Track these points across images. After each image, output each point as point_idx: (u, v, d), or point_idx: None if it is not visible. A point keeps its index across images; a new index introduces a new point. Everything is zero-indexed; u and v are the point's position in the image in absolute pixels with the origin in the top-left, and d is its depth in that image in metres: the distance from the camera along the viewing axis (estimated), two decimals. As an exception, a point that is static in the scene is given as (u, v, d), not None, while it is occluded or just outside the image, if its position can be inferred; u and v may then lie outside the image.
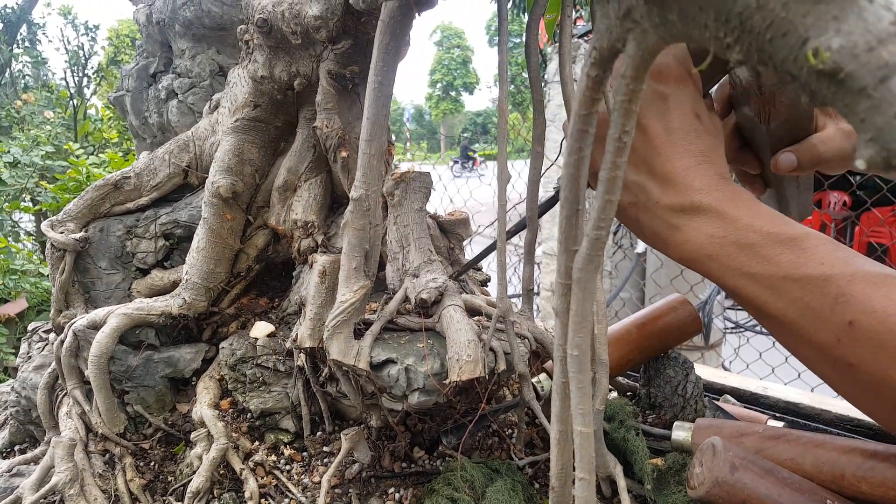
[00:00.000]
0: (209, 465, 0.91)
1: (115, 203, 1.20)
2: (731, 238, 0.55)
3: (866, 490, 0.68)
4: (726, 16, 0.31)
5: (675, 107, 0.59)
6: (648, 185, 0.59)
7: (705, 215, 0.56)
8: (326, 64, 0.97)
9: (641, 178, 0.59)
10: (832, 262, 0.51)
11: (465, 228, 1.13)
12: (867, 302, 0.48)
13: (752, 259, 0.54)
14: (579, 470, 0.50)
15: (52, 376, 1.11)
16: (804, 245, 0.53)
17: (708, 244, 0.56)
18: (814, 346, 0.53)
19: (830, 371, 0.54)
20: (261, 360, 1.01)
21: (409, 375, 0.81)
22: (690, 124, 0.58)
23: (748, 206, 0.56)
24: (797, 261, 0.52)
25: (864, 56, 0.27)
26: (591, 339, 0.50)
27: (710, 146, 0.59)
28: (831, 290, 0.50)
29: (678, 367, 1.05)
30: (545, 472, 0.93)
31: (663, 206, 0.58)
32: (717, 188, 0.56)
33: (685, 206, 0.57)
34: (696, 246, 0.56)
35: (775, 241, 0.53)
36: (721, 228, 0.55)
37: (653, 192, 0.58)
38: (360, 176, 0.77)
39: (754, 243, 0.54)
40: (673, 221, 0.57)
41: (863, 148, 0.28)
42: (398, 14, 0.71)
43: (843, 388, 0.55)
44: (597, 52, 0.41)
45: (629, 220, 0.63)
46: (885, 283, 0.49)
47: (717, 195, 0.56)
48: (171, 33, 1.33)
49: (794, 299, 0.52)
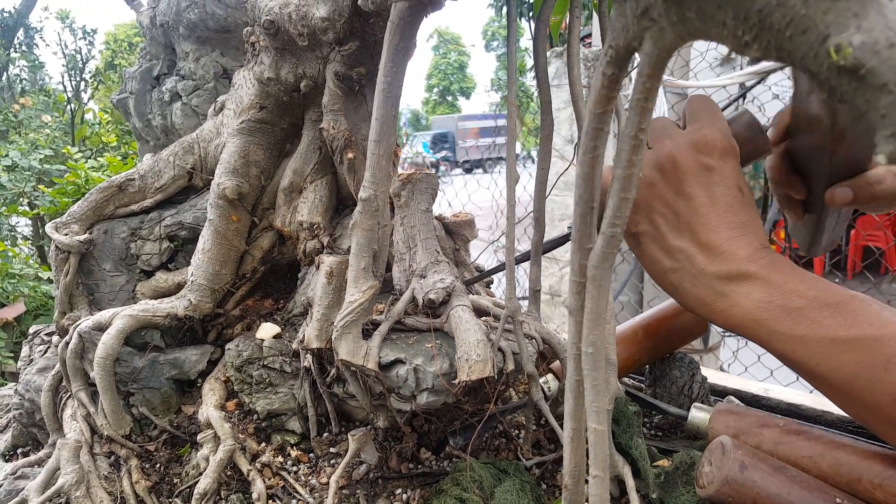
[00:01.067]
0: (216, 466, 0.91)
1: (119, 205, 1.20)
2: (777, 303, 0.56)
3: (880, 498, 0.68)
4: (745, 13, 0.31)
5: (720, 179, 0.60)
6: (693, 252, 0.60)
7: (751, 282, 0.57)
8: (333, 65, 0.97)
9: (685, 244, 0.61)
10: (881, 322, 0.52)
11: (470, 230, 1.14)
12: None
13: (800, 322, 0.55)
14: (593, 467, 0.51)
15: (57, 378, 1.11)
16: (851, 307, 0.53)
17: (755, 309, 0.57)
18: (868, 406, 0.53)
19: (889, 430, 0.54)
20: (267, 361, 1.01)
21: (417, 375, 0.81)
22: (734, 197, 0.60)
23: (792, 272, 0.57)
24: (845, 322, 0.53)
25: (886, 52, 0.27)
26: (605, 336, 0.51)
27: (751, 219, 0.60)
28: (883, 350, 0.51)
29: (684, 368, 1.05)
30: (553, 473, 0.93)
31: (709, 273, 0.59)
32: (762, 256, 0.58)
33: (731, 273, 0.58)
34: (743, 311, 0.58)
35: (822, 304, 0.54)
36: (767, 294, 0.56)
37: (697, 260, 0.60)
38: (368, 176, 0.77)
39: (801, 307, 0.55)
40: (718, 288, 0.59)
41: (884, 143, 0.28)
42: (407, 15, 0.72)
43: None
44: (612, 51, 0.41)
45: (669, 286, 0.64)
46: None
47: (761, 262, 0.57)
48: (175, 36, 1.33)
49: (845, 361, 0.52)
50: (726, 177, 0.60)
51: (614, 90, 0.43)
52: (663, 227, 0.62)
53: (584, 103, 0.81)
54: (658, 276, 0.64)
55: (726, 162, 0.61)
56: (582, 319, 0.49)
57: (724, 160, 0.61)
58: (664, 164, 0.61)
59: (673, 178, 0.61)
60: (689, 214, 0.60)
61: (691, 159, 0.60)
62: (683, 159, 0.60)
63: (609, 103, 0.44)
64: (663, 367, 1.08)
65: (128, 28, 18.50)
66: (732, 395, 1.28)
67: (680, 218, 0.61)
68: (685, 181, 0.60)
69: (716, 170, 0.60)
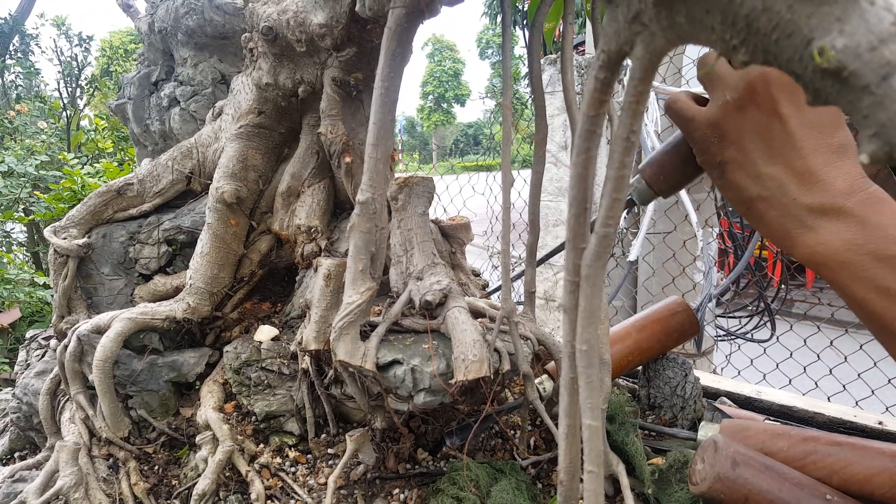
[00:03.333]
0: (215, 467, 0.91)
1: (117, 209, 1.21)
2: (869, 247, 0.51)
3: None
4: (733, 18, 0.32)
5: None
6: (785, 179, 0.55)
7: (846, 219, 0.52)
8: (331, 71, 0.99)
9: (777, 171, 0.56)
10: None
11: (466, 233, 1.15)
12: None
13: (890, 273, 0.50)
14: (588, 463, 0.51)
15: (55, 382, 1.12)
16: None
17: (843, 250, 0.52)
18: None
19: None
20: (265, 363, 1.02)
21: (415, 376, 0.82)
22: (833, 114, 0.55)
23: (893, 213, 0.52)
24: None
25: (867, 55, 0.28)
26: (598, 334, 0.52)
27: (848, 139, 0.55)
28: None
29: (677, 368, 1.06)
30: (548, 472, 0.94)
31: (801, 204, 0.54)
32: (861, 189, 0.53)
33: (826, 207, 0.53)
34: (830, 250, 0.53)
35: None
36: (861, 235, 0.51)
37: (789, 188, 0.55)
38: (366, 179, 0.78)
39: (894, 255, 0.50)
40: (808, 221, 0.54)
41: (866, 143, 0.29)
42: (404, 21, 0.73)
43: None
44: (605, 55, 0.42)
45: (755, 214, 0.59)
46: None
47: (860, 197, 0.52)
48: (173, 42, 1.34)
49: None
50: None
51: (607, 93, 0.44)
52: (753, 152, 0.56)
53: (577, 108, 0.83)
54: (742, 203, 0.59)
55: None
56: (576, 318, 0.50)
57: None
58: (755, 83, 0.55)
59: (766, 99, 0.55)
60: (783, 138, 0.55)
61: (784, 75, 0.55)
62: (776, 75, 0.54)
63: (602, 106, 0.45)
64: (657, 368, 1.09)
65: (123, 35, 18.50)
66: (725, 396, 1.29)
67: (773, 142, 0.55)
68: (779, 101, 0.55)
69: None
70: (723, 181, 0.60)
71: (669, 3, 0.35)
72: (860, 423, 1.13)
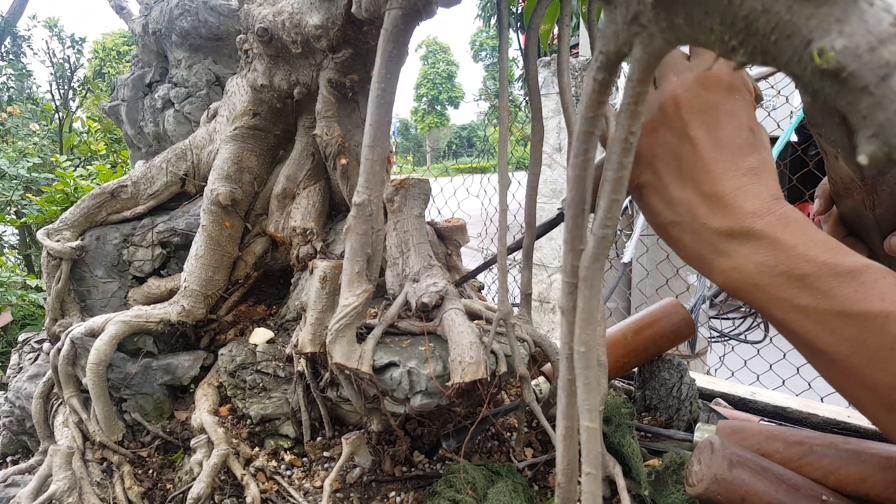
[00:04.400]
0: (210, 470, 0.91)
1: (111, 211, 1.20)
2: (782, 268, 0.51)
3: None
4: (732, 19, 0.32)
5: (728, 118, 0.54)
6: (695, 203, 0.54)
7: (756, 242, 0.52)
8: (326, 72, 0.98)
9: (688, 195, 0.55)
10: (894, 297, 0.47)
11: (462, 235, 1.15)
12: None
13: (804, 291, 0.50)
14: (586, 465, 0.51)
15: (48, 385, 1.11)
16: (863, 278, 0.48)
17: (756, 273, 0.52)
18: (867, 387, 0.49)
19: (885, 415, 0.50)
20: (260, 366, 1.01)
21: (411, 378, 0.82)
22: (744, 139, 0.54)
23: (803, 232, 0.51)
24: (854, 295, 0.48)
25: (866, 56, 0.28)
26: (597, 335, 0.52)
27: (763, 162, 0.54)
28: (892, 328, 0.46)
29: (673, 370, 1.07)
30: (545, 474, 0.94)
31: (711, 228, 0.53)
32: (770, 211, 0.52)
33: (734, 230, 0.52)
34: (744, 275, 0.52)
35: (831, 272, 0.49)
36: (772, 257, 0.51)
37: (699, 212, 0.54)
38: (362, 181, 0.78)
39: (808, 274, 0.50)
40: (720, 246, 0.53)
41: (865, 144, 0.29)
42: (401, 22, 0.73)
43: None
44: (603, 56, 0.42)
45: (670, 239, 0.58)
46: None
47: (769, 219, 0.52)
48: (168, 43, 1.34)
49: (849, 336, 0.48)
50: (734, 114, 0.54)
51: (605, 94, 0.44)
52: (666, 175, 0.56)
53: (573, 110, 0.83)
54: (659, 229, 0.59)
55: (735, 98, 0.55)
56: (574, 319, 0.50)
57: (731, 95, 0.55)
58: (666, 105, 0.55)
59: (676, 121, 0.55)
60: (692, 161, 0.54)
61: (695, 97, 0.54)
62: (687, 98, 0.54)
63: (600, 107, 0.45)
64: (652, 370, 1.09)
65: (116, 37, 18.44)
66: (720, 398, 1.30)
67: (683, 165, 0.54)
68: (689, 123, 0.54)
69: (722, 107, 0.54)
70: (641, 204, 0.60)
71: (668, 5, 0.35)
72: (853, 424, 1.14)
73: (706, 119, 0.54)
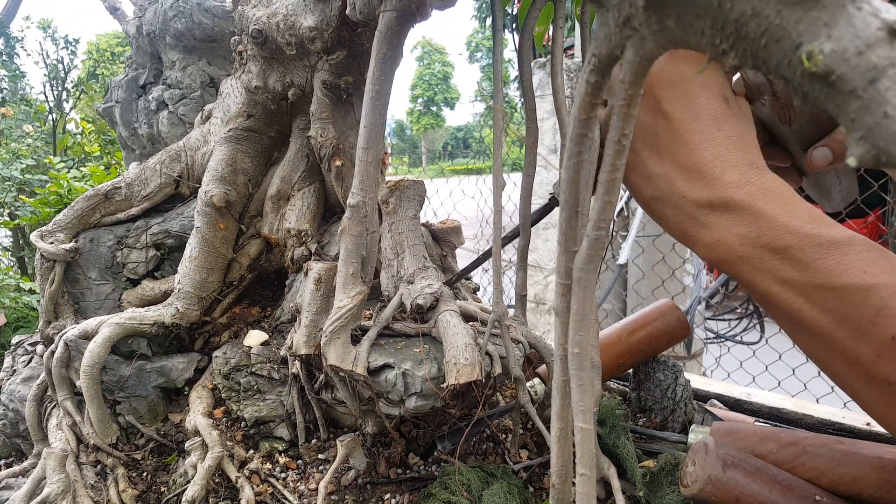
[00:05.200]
0: (205, 473, 0.91)
1: (105, 213, 1.20)
2: (764, 239, 0.50)
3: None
4: (722, 23, 0.33)
5: (701, 90, 0.54)
6: (674, 177, 0.54)
7: (737, 213, 0.51)
8: (321, 74, 0.98)
9: (666, 169, 0.55)
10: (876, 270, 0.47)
11: (457, 236, 1.15)
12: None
13: (786, 263, 0.49)
14: (580, 466, 0.51)
15: (41, 388, 1.10)
16: (845, 250, 0.48)
17: (739, 245, 0.51)
18: (849, 360, 0.49)
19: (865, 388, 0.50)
20: (255, 368, 1.01)
21: (406, 380, 0.82)
22: (718, 108, 0.54)
23: (784, 202, 0.51)
24: (836, 267, 0.48)
25: (854, 59, 0.29)
26: (591, 337, 0.52)
27: (740, 131, 0.54)
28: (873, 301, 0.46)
29: (668, 371, 1.07)
30: (540, 476, 0.94)
31: (691, 200, 0.53)
32: (750, 181, 0.52)
33: (714, 201, 0.52)
34: (727, 247, 0.52)
35: (813, 243, 0.49)
36: (754, 228, 0.50)
37: (678, 186, 0.54)
38: (357, 183, 0.78)
39: (789, 245, 0.49)
40: (701, 219, 0.53)
41: (854, 146, 0.30)
42: (395, 24, 0.73)
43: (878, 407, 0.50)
44: (596, 59, 0.42)
45: (654, 214, 0.58)
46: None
47: (749, 189, 0.51)
48: (162, 45, 1.34)
49: (831, 309, 0.48)
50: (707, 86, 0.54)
51: (598, 97, 0.45)
52: (643, 152, 0.56)
53: (566, 112, 0.83)
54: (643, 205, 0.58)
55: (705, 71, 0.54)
56: (568, 321, 0.50)
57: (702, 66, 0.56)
58: None
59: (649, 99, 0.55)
60: (668, 135, 0.54)
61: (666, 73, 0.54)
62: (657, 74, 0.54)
63: (593, 110, 0.45)
64: (647, 371, 1.09)
65: (110, 38, 18.38)
66: (715, 399, 1.30)
67: (659, 140, 0.54)
68: (662, 98, 0.54)
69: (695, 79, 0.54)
70: (627, 183, 0.59)
71: (660, 8, 0.35)
72: (848, 425, 1.14)
73: (679, 93, 0.54)
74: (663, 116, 0.54)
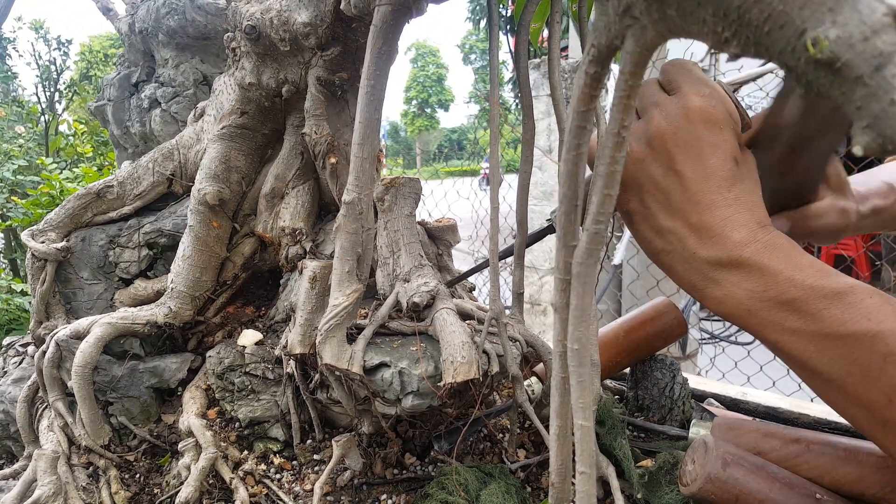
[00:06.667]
0: (198, 474, 0.89)
1: (97, 212, 1.18)
2: (770, 293, 0.53)
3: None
4: (725, 10, 0.32)
5: (711, 151, 0.56)
6: (684, 234, 0.57)
7: (745, 270, 0.54)
8: (315, 70, 0.97)
9: (677, 225, 0.57)
10: (880, 316, 0.49)
11: (452, 235, 1.14)
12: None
13: (794, 315, 0.52)
14: (580, 464, 0.51)
15: (33, 389, 1.09)
16: (849, 299, 0.50)
17: (747, 299, 0.54)
18: (862, 405, 0.50)
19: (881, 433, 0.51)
20: (249, 368, 1.00)
21: (402, 379, 0.81)
22: (729, 170, 0.56)
23: (789, 258, 0.53)
24: (842, 316, 0.50)
25: (860, 45, 0.28)
26: (590, 333, 0.51)
27: (748, 191, 0.56)
28: (879, 347, 0.48)
29: (665, 370, 1.06)
30: (538, 475, 0.93)
31: (700, 258, 0.56)
32: (757, 239, 0.54)
33: (723, 259, 0.55)
34: (735, 301, 0.55)
35: (818, 295, 0.51)
36: (761, 283, 0.53)
37: (689, 243, 0.56)
38: (352, 179, 0.77)
39: (796, 298, 0.51)
40: (711, 274, 0.56)
41: (859, 134, 0.29)
42: (390, 18, 0.72)
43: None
44: (595, 50, 0.42)
45: (663, 266, 0.60)
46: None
47: (756, 247, 0.54)
48: (154, 43, 1.32)
49: (840, 357, 0.50)
50: (718, 147, 0.56)
51: (597, 88, 0.44)
52: (653, 206, 0.58)
53: (564, 107, 0.83)
54: (651, 255, 0.61)
55: (718, 130, 0.56)
56: (567, 317, 0.49)
57: (715, 128, 0.56)
58: (652, 138, 0.57)
59: (662, 154, 0.57)
60: (679, 193, 0.56)
61: (680, 131, 0.56)
62: (672, 132, 0.56)
63: (592, 102, 0.45)
64: (644, 369, 1.09)
65: (103, 39, 18.31)
66: (712, 398, 1.30)
67: (670, 197, 0.57)
68: (675, 157, 0.56)
69: (706, 140, 0.56)
70: (632, 229, 0.62)
71: (661, -5, 0.35)
72: (844, 423, 1.14)
73: (691, 152, 0.56)
74: (676, 175, 0.57)
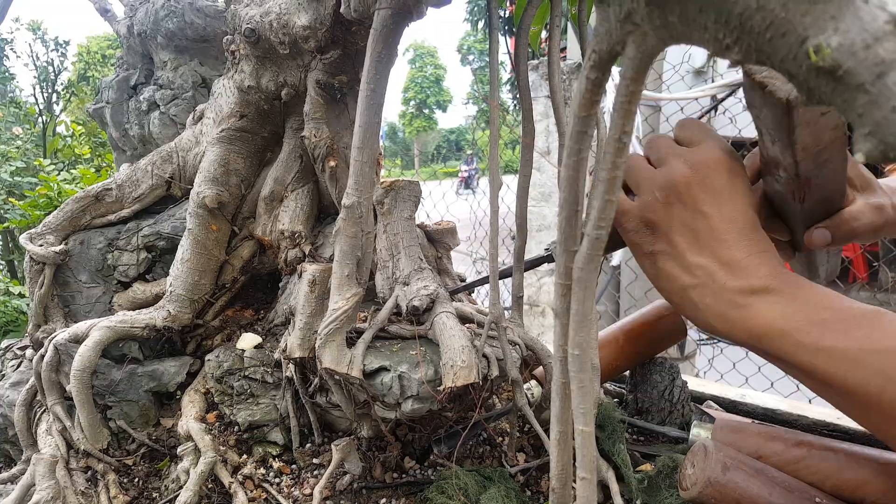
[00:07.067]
0: (197, 478, 0.89)
1: (95, 215, 1.18)
2: (802, 314, 0.55)
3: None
4: (726, 17, 0.32)
5: (731, 199, 0.60)
6: (713, 268, 0.60)
7: (775, 295, 0.57)
8: (314, 73, 0.97)
9: (705, 260, 0.60)
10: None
11: (452, 238, 1.14)
12: None
13: (827, 333, 0.53)
14: (580, 469, 0.51)
15: (31, 393, 1.09)
16: (879, 320, 0.52)
17: (780, 320, 0.56)
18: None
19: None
20: (248, 371, 1.00)
21: (402, 383, 0.81)
22: (752, 217, 0.60)
23: (814, 289, 0.56)
24: (874, 334, 0.52)
25: (862, 53, 0.28)
26: (591, 338, 0.51)
27: (767, 240, 0.60)
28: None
29: (664, 373, 1.06)
30: (537, 479, 0.93)
31: (731, 288, 0.59)
32: (782, 273, 0.58)
33: (754, 287, 0.58)
34: (768, 321, 0.57)
35: (848, 315, 0.54)
36: (791, 307, 0.56)
37: (718, 276, 0.59)
38: (352, 183, 0.77)
39: (827, 319, 0.54)
40: (741, 301, 0.58)
41: (861, 141, 0.29)
42: (390, 22, 0.72)
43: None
44: (596, 55, 0.41)
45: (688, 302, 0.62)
46: None
47: (783, 279, 0.57)
48: (153, 45, 1.32)
49: (874, 373, 0.51)
50: (739, 196, 0.60)
51: (598, 94, 0.44)
52: (682, 244, 0.62)
53: (564, 110, 0.83)
54: (676, 293, 0.63)
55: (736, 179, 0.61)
56: (568, 322, 0.49)
57: (733, 178, 0.61)
58: (679, 184, 0.61)
59: (688, 199, 0.61)
60: (707, 232, 0.60)
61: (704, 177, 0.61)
62: (697, 178, 0.61)
63: (593, 107, 0.45)
64: (644, 372, 1.09)
65: (101, 40, 18.28)
66: (711, 400, 1.30)
67: (699, 236, 0.61)
68: (700, 199, 0.60)
69: (726, 188, 0.60)
70: (655, 270, 0.65)
71: (662, 2, 0.35)
72: (843, 426, 1.14)
73: (717, 196, 0.61)
74: (702, 216, 0.61)
